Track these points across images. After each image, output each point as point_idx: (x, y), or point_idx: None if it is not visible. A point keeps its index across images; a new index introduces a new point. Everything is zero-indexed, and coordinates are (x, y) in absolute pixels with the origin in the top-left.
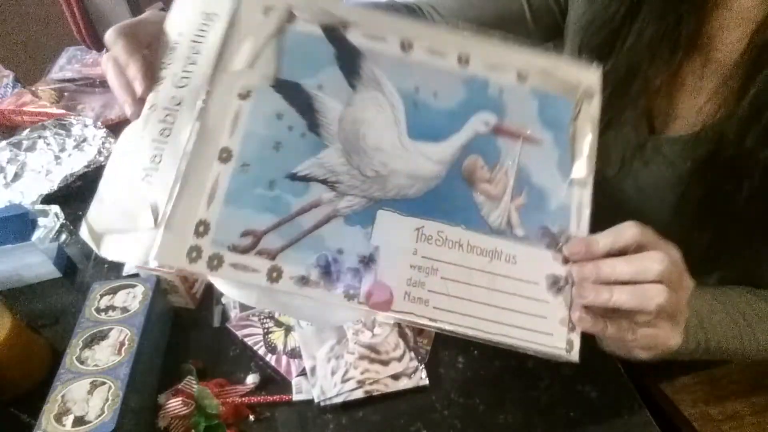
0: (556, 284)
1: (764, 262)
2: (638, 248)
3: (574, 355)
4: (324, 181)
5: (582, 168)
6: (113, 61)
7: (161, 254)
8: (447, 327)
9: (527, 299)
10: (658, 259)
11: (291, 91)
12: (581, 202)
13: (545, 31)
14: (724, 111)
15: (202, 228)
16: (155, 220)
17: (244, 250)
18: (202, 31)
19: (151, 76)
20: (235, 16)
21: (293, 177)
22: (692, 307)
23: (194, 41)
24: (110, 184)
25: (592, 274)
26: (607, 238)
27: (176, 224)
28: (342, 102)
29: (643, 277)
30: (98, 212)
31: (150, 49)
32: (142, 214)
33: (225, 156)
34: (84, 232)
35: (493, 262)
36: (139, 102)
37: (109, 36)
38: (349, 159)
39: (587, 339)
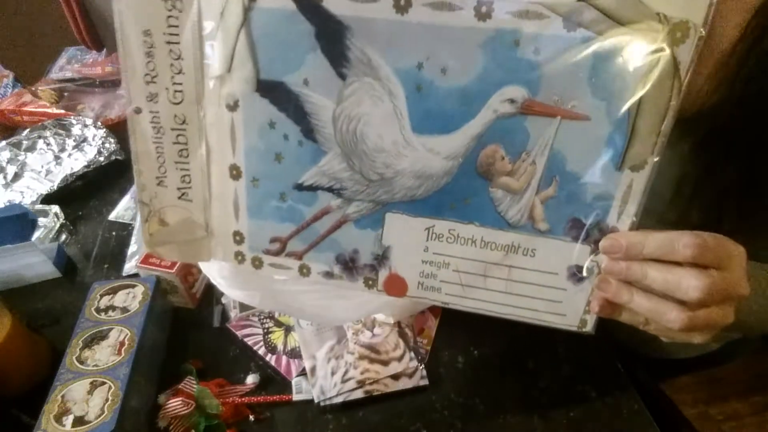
0: (577, 275)
1: (760, 239)
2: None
3: (589, 330)
4: (330, 189)
5: (643, 150)
6: None
7: (218, 257)
8: (459, 309)
9: (544, 287)
10: (697, 287)
11: (277, 94)
12: (631, 189)
13: None
14: (722, 93)
15: (238, 237)
16: (206, 230)
17: (276, 253)
18: (172, 27)
19: None
20: (197, 1)
21: (300, 187)
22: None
23: (169, 42)
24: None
25: (620, 273)
26: (656, 246)
27: (220, 234)
28: (332, 98)
29: (673, 294)
30: (153, 233)
31: None
32: (193, 229)
33: (235, 173)
34: (147, 250)
35: (509, 256)
36: None
37: None
38: (350, 164)
39: (588, 339)
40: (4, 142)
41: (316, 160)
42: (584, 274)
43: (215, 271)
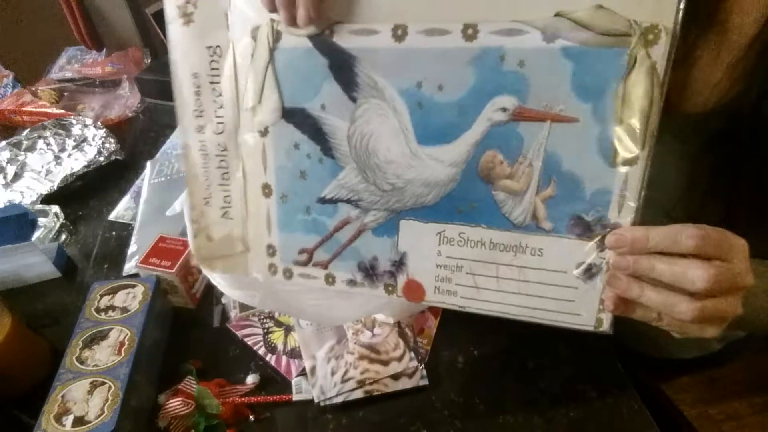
0: (587, 272)
1: None
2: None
3: (605, 329)
4: (348, 201)
5: (630, 144)
6: None
7: (254, 270)
8: (476, 312)
9: (556, 287)
10: (704, 277)
11: (299, 119)
12: (627, 184)
13: None
14: (740, 87)
15: (271, 250)
16: (243, 244)
17: (304, 264)
18: (214, 69)
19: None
20: (233, 48)
21: (322, 201)
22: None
23: (212, 82)
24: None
25: (628, 267)
26: (660, 239)
27: (255, 249)
28: (346, 119)
29: (681, 285)
30: (200, 248)
31: None
32: (234, 244)
33: (267, 191)
34: (197, 263)
35: (518, 256)
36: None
37: None
38: (365, 176)
39: (588, 340)
40: (4, 142)
41: (335, 175)
42: (593, 270)
43: None
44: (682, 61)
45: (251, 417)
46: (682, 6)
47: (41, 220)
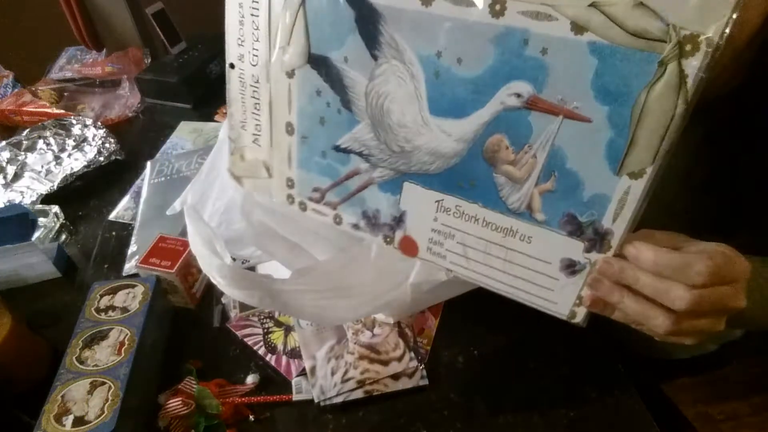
0: (570, 267)
1: None
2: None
3: (578, 321)
4: (360, 154)
5: (642, 157)
6: None
7: (277, 197)
8: (461, 277)
9: (538, 273)
10: (684, 299)
11: (323, 67)
12: (628, 195)
13: None
14: (740, 80)
15: (290, 183)
16: (268, 173)
17: (317, 201)
18: (255, 2)
19: None
20: None
21: (337, 149)
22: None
23: (252, 14)
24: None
25: (613, 275)
26: (665, 265)
27: (277, 177)
28: (366, 75)
29: (661, 301)
30: (235, 164)
31: None
32: (260, 168)
33: (290, 129)
34: (229, 177)
35: (507, 238)
36: None
37: None
38: (377, 134)
39: (588, 341)
40: (4, 142)
41: (351, 128)
42: (576, 268)
43: (215, 270)
44: None
45: (251, 417)
46: (734, 17)
47: (41, 220)
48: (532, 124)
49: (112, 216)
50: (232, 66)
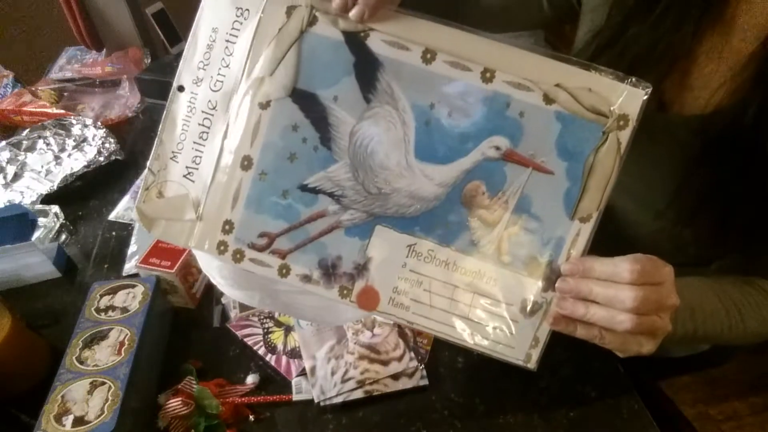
0: (530, 308)
1: (765, 252)
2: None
3: (532, 366)
4: (331, 194)
5: (590, 205)
6: None
7: (198, 244)
8: (421, 329)
9: (500, 317)
10: (632, 298)
11: (307, 103)
12: (579, 236)
13: (561, 13)
14: (742, 93)
15: (228, 227)
16: (196, 213)
17: (261, 249)
18: (235, 29)
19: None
20: (262, 15)
21: (304, 188)
22: (684, 298)
23: (228, 41)
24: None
25: (571, 291)
26: (604, 267)
27: (209, 220)
28: (355, 116)
29: (614, 306)
30: (148, 201)
31: None
32: (185, 209)
33: (246, 164)
34: (136, 216)
35: (474, 282)
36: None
37: None
38: (355, 175)
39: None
40: (4, 142)
41: (325, 166)
42: (534, 308)
43: (215, 270)
44: (683, 64)
45: (251, 417)
46: (645, 102)
47: (41, 220)
48: (506, 174)
49: (112, 216)
50: (180, 89)
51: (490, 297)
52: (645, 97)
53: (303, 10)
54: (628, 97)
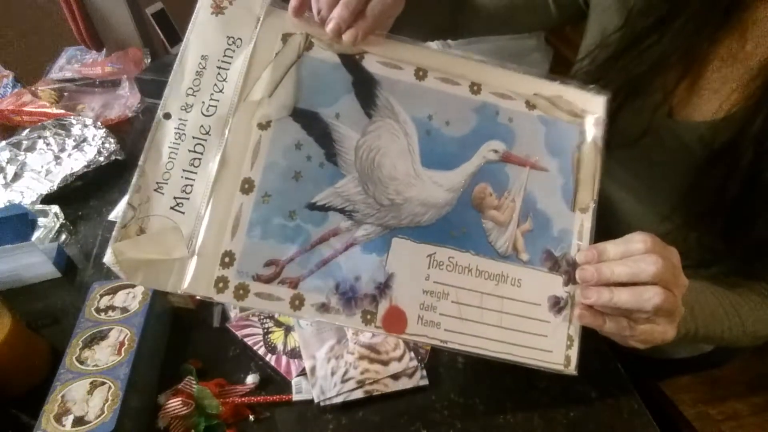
0: (557, 305)
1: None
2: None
3: (572, 370)
4: (342, 210)
5: (586, 195)
6: None
7: (192, 285)
8: (456, 348)
9: (532, 320)
10: (652, 261)
11: (309, 121)
12: (583, 227)
13: (567, 15)
14: (751, 102)
15: (227, 259)
16: (188, 248)
17: (268, 280)
18: (227, 56)
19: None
20: (256, 42)
21: (312, 207)
22: (685, 298)
23: (220, 67)
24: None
25: (593, 277)
26: (617, 248)
27: (204, 255)
28: (358, 131)
29: (638, 279)
30: (127, 242)
31: None
32: (175, 245)
33: (247, 187)
34: (109, 259)
35: (499, 286)
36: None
37: None
38: (365, 188)
39: (588, 341)
40: (4, 142)
41: (333, 182)
42: (561, 304)
43: None
44: (695, 70)
45: (251, 417)
46: (606, 104)
47: (41, 220)
48: (508, 174)
49: (112, 216)
50: (167, 116)
51: (518, 299)
52: (606, 100)
53: (299, 37)
54: (593, 102)
